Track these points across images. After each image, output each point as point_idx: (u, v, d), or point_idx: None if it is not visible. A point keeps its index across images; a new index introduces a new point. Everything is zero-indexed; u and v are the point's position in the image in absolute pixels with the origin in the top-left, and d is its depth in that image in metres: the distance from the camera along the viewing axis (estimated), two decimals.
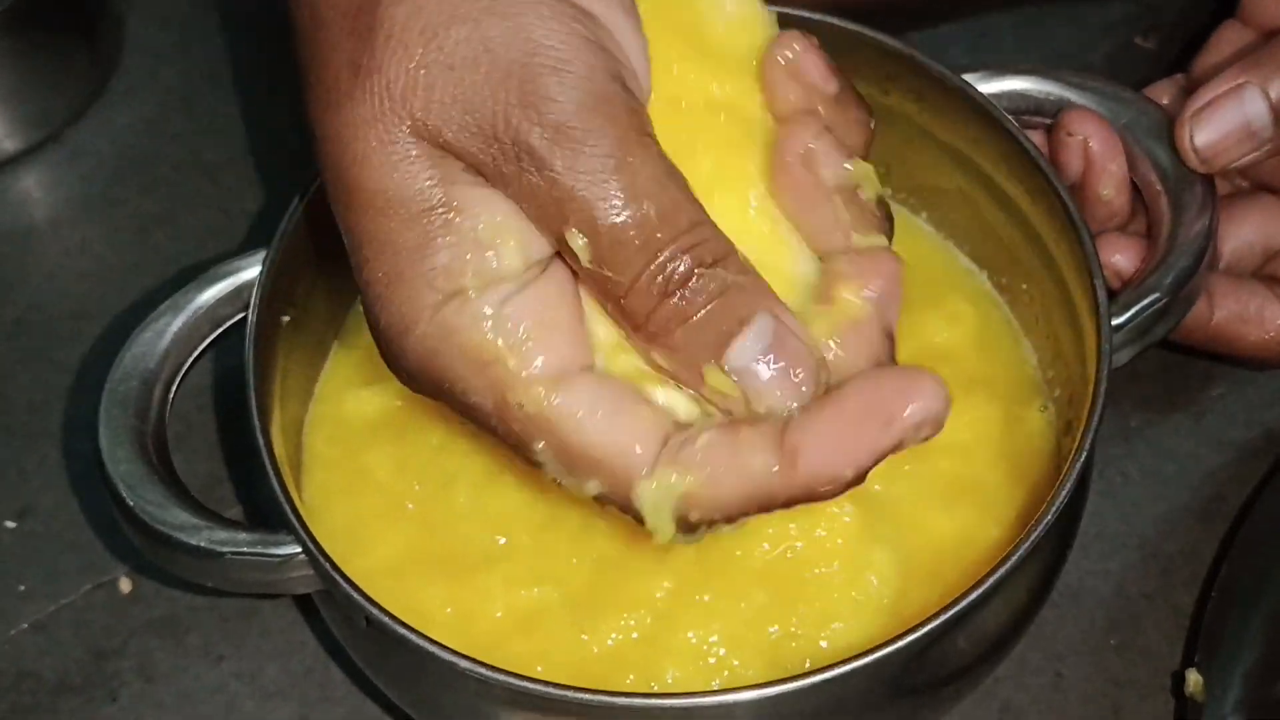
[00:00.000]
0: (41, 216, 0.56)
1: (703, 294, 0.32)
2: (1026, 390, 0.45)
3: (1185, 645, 0.45)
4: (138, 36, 0.60)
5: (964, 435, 0.44)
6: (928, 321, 0.45)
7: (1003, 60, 0.53)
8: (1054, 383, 0.45)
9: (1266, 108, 0.43)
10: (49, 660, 0.47)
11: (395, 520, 0.43)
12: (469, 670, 0.36)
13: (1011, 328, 0.46)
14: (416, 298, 0.33)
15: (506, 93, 0.32)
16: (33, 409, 0.52)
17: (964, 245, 0.48)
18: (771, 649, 0.40)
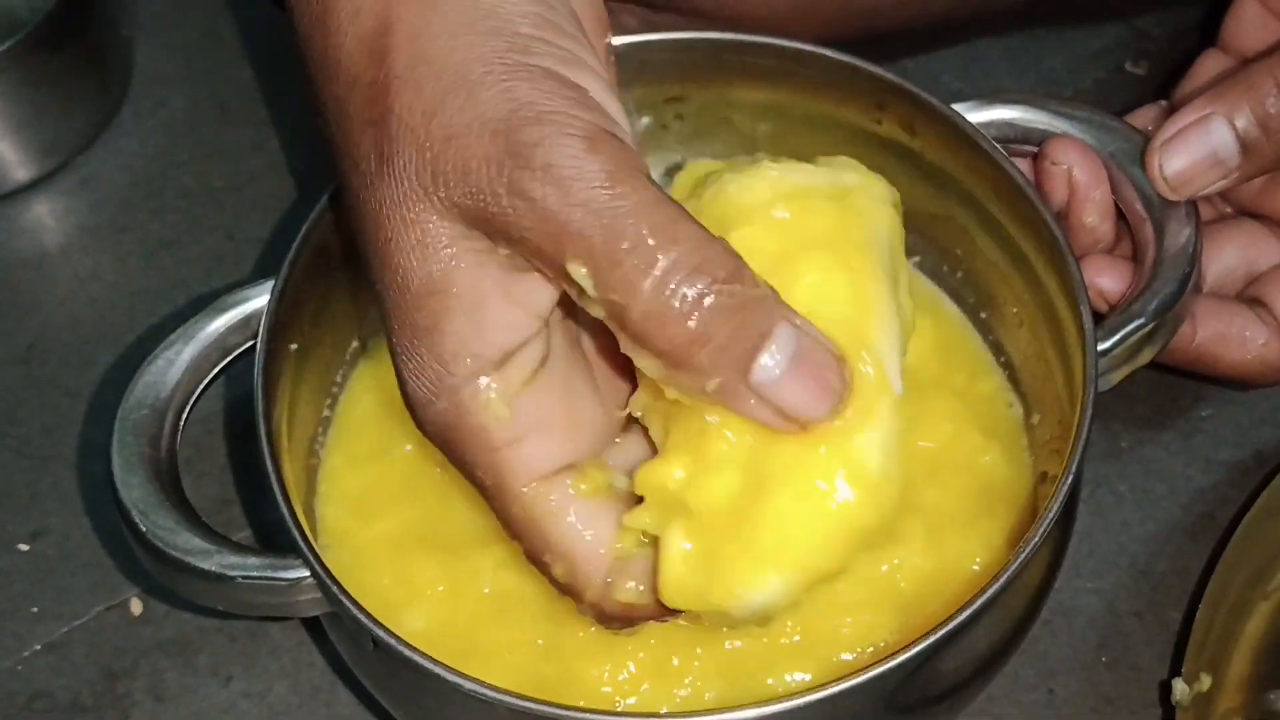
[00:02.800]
0: (53, 244, 0.57)
1: (720, 313, 0.32)
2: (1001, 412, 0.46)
3: (1172, 655, 0.46)
4: (146, 66, 0.60)
5: (946, 463, 0.44)
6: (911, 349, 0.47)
7: (994, 86, 0.54)
8: (1042, 404, 0.46)
9: (1232, 137, 0.44)
10: (61, 680, 0.47)
11: (407, 494, 0.44)
12: (473, 691, 0.37)
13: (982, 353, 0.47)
14: (436, 378, 0.35)
15: (496, 148, 0.33)
16: (46, 432, 0.52)
17: (954, 271, 0.49)
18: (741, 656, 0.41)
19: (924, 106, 0.45)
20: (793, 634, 0.41)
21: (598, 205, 0.32)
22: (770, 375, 0.33)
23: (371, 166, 0.35)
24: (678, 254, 0.32)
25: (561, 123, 0.33)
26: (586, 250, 0.32)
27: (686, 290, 0.32)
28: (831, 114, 0.47)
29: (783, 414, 0.33)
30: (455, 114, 0.34)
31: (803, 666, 0.41)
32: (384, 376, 0.48)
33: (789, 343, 0.33)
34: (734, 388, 0.33)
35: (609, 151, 0.33)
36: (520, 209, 0.33)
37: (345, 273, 0.46)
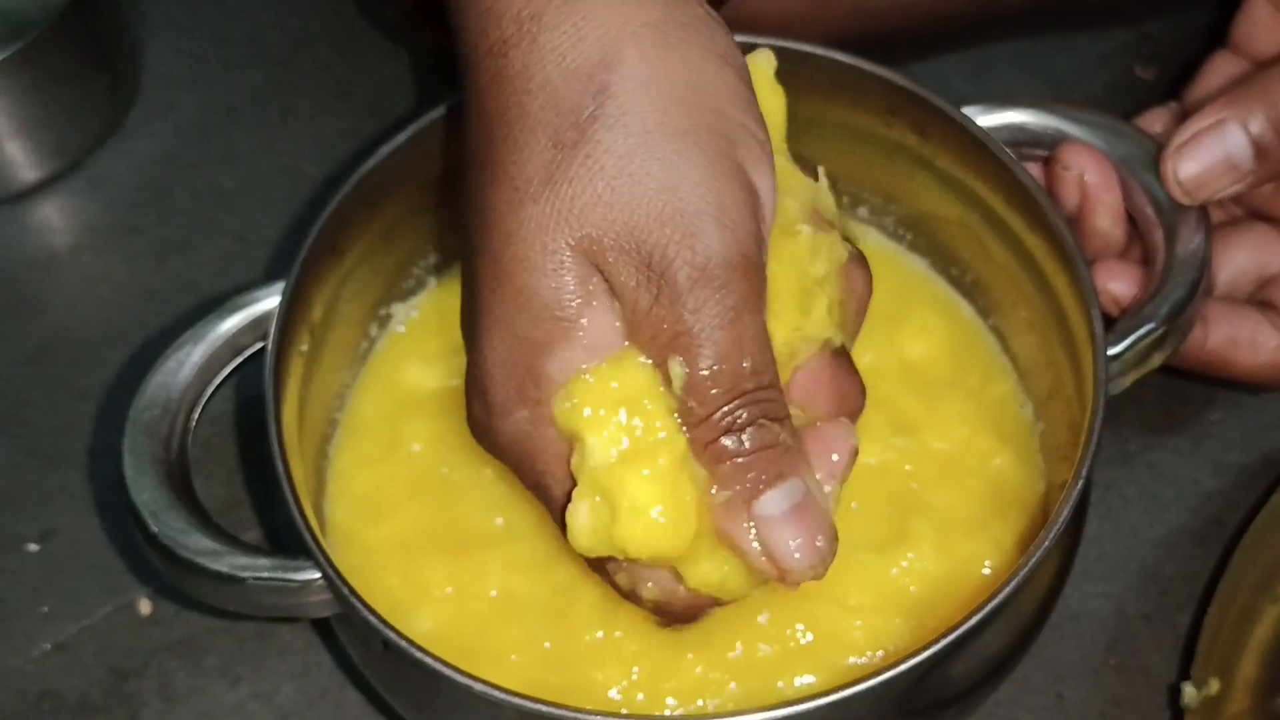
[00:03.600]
0: (62, 245, 0.57)
1: (756, 440, 0.35)
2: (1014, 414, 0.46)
3: (1181, 659, 0.46)
4: (155, 67, 0.60)
5: (958, 466, 0.45)
6: (907, 345, 0.47)
7: (1003, 90, 0.54)
8: (1053, 408, 0.46)
9: (1247, 141, 0.44)
10: (70, 680, 0.47)
11: (415, 494, 0.45)
12: (483, 693, 0.37)
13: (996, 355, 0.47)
14: (525, 390, 0.36)
15: (674, 229, 0.35)
16: (55, 433, 0.52)
17: (965, 274, 0.49)
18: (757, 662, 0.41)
19: (935, 110, 0.46)
20: (803, 637, 0.42)
21: (721, 324, 0.35)
22: (769, 511, 0.35)
23: (532, 185, 0.35)
24: (757, 387, 0.35)
25: (737, 236, 0.35)
26: (694, 358, 0.35)
27: (744, 414, 0.35)
28: (842, 117, 0.47)
29: (769, 553, 0.36)
30: (652, 175, 0.35)
31: (813, 670, 0.41)
32: (393, 377, 0.48)
33: (798, 493, 0.36)
34: (736, 508, 0.36)
35: (754, 280, 0.36)
36: (653, 288, 0.35)
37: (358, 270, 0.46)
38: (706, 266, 0.35)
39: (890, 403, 0.45)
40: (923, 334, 0.47)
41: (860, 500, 0.43)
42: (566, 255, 0.35)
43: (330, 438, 0.47)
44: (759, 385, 0.36)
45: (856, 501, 0.43)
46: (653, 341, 0.36)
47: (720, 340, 0.35)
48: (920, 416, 0.45)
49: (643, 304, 0.35)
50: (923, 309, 0.48)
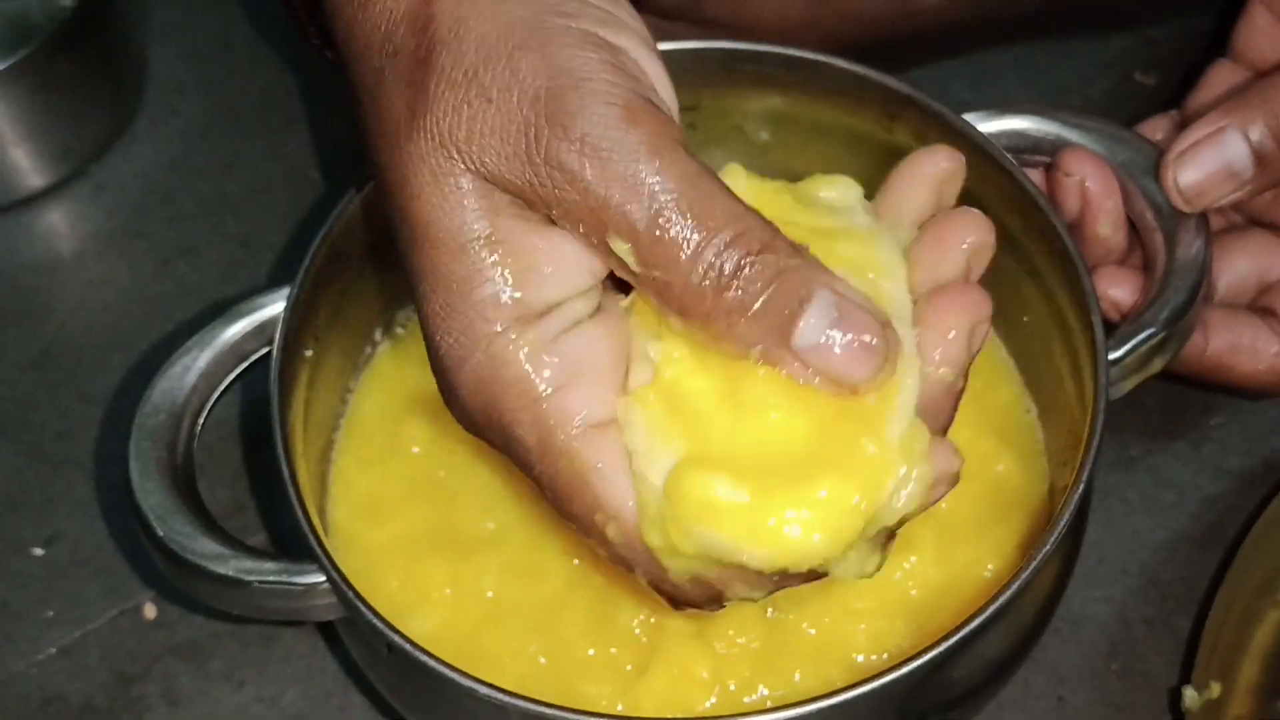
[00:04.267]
0: (67, 250, 0.57)
1: (757, 282, 0.32)
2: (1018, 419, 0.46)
3: (1182, 663, 0.46)
4: (160, 73, 0.61)
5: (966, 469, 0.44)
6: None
7: (1003, 96, 0.54)
8: (1054, 413, 0.46)
9: (1247, 149, 0.44)
10: (75, 684, 0.48)
11: (415, 496, 0.45)
12: (486, 696, 0.37)
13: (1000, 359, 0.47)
14: (470, 329, 0.34)
15: (535, 115, 0.33)
16: (60, 438, 0.53)
17: None
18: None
19: (935, 116, 0.46)
20: (804, 640, 0.42)
21: (636, 180, 0.32)
22: (811, 340, 0.33)
23: (400, 127, 0.35)
24: (715, 227, 0.32)
25: (600, 91, 0.33)
26: (628, 227, 0.32)
27: (725, 263, 0.32)
28: (843, 123, 0.47)
29: (829, 377, 0.33)
30: (496, 78, 0.34)
31: (813, 672, 0.41)
32: (395, 379, 0.48)
33: (829, 307, 0.33)
34: (777, 353, 0.33)
35: (648, 122, 0.33)
36: (559, 179, 0.33)
37: (362, 276, 0.46)
38: (585, 134, 0.33)
39: None
40: None
41: None
42: (456, 177, 0.34)
43: (333, 440, 0.47)
44: (716, 224, 0.32)
45: None
46: (585, 234, 0.33)
47: (642, 193, 0.32)
48: None
49: (550, 200, 0.33)
50: None
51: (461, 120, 0.34)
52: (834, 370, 0.33)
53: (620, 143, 0.33)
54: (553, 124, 0.33)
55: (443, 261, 0.34)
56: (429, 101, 0.34)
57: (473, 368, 0.34)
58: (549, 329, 0.34)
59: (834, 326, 0.33)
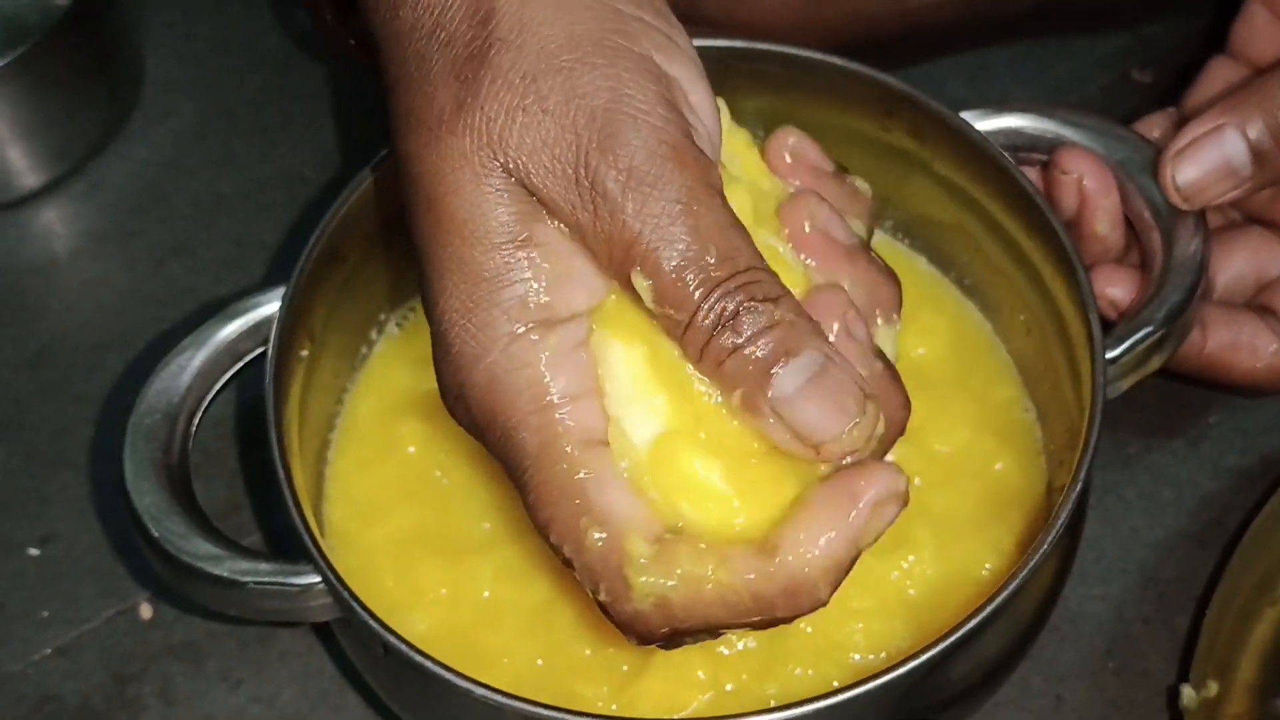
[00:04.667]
0: (62, 249, 0.57)
1: (753, 327, 0.33)
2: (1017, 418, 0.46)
3: (1180, 661, 0.46)
4: (155, 73, 0.61)
5: (958, 469, 0.45)
6: (910, 346, 0.47)
7: (1000, 94, 0.54)
8: (1051, 411, 0.46)
9: (1245, 147, 0.44)
10: (71, 685, 0.47)
11: (410, 496, 0.44)
12: (482, 696, 0.37)
13: (1000, 358, 0.47)
14: (492, 326, 0.34)
15: (589, 137, 0.34)
16: (55, 437, 0.52)
17: (963, 278, 0.49)
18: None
19: (932, 114, 0.46)
20: (802, 639, 0.42)
21: (670, 220, 0.33)
22: (785, 389, 0.33)
23: (445, 118, 0.34)
24: (731, 272, 0.33)
25: (655, 126, 0.34)
26: (653, 266, 0.33)
27: (729, 304, 0.33)
28: (839, 122, 0.47)
29: (797, 434, 0.33)
30: (555, 88, 0.34)
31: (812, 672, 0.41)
32: (391, 379, 0.48)
33: (812, 365, 0.33)
34: (754, 401, 0.33)
35: (693, 167, 0.34)
36: (598, 205, 0.33)
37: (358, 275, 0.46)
38: (632, 166, 0.33)
39: None
40: (926, 335, 0.47)
41: None
42: (498, 177, 0.34)
43: (329, 440, 0.47)
44: (734, 270, 0.33)
45: None
46: (610, 262, 0.34)
47: (673, 236, 0.33)
48: (922, 418, 0.45)
49: (585, 224, 0.34)
50: (926, 310, 0.48)
51: (515, 125, 0.34)
52: (799, 423, 0.33)
53: (663, 181, 0.33)
54: (603, 150, 0.33)
55: (474, 256, 0.34)
56: (480, 98, 0.34)
57: (487, 365, 0.34)
58: (570, 337, 0.34)
59: (812, 383, 0.33)
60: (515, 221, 0.34)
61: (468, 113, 0.34)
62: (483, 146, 0.34)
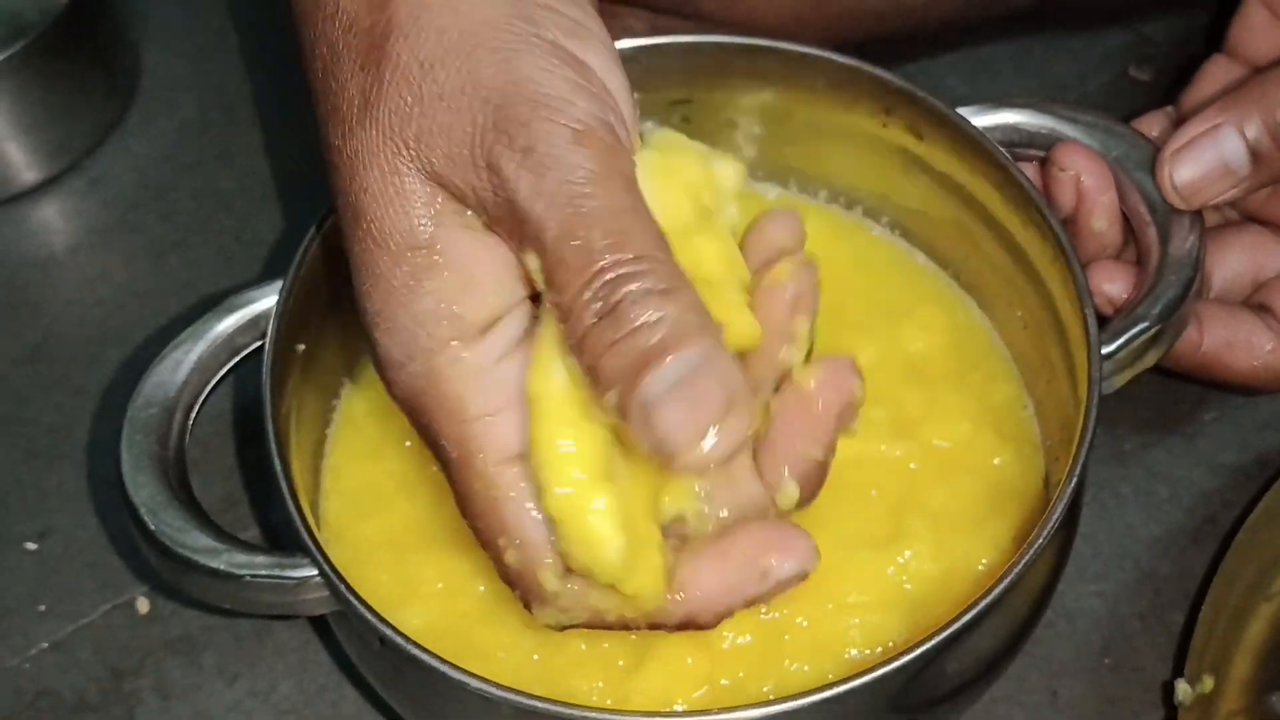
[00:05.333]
0: (61, 245, 0.57)
1: (636, 320, 0.31)
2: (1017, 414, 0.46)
3: (1175, 657, 0.46)
4: (154, 67, 0.60)
5: (957, 463, 0.45)
6: (908, 341, 0.47)
7: (999, 91, 0.54)
8: (1047, 407, 0.46)
9: (1243, 147, 0.44)
10: (68, 679, 0.47)
11: (406, 490, 0.44)
12: (478, 689, 0.37)
13: (1000, 354, 0.47)
14: (409, 338, 0.34)
15: (484, 117, 0.33)
16: (53, 432, 0.52)
17: (960, 274, 0.49)
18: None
19: (930, 110, 0.46)
20: (798, 634, 0.42)
21: (562, 200, 0.32)
22: (652, 393, 0.31)
23: (354, 112, 0.34)
24: (619, 259, 0.32)
25: (556, 108, 0.33)
26: (539, 242, 0.32)
27: (615, 293, 0.31)
28: (837, 118, 0.47)
29: (656, 441, 0.32)
30: (452, 74, 0.33)
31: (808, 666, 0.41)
32: None
33: (685, 366, 0.31)
34: (626, 403, 0.32)
35: (595, 148, 0.33)
36: (495, 185, 0.33)
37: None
38: (529, 146, 0.32)
39: (890, 399, 0.45)
40: (924, 331, 0.47)
41: (857, 497, 0.44)
42: (406, 176, 0.33)
43: (326, 435, 0.47)
44: (620, 257, 0.31)
45: (854, 499, 0.43)
46: (510, 241, 0.33)
47: (563, 219, 0.32)
48: (921, 413, 0.45)
49: (487, 206, 0.33)
50: (924, 306, 0.48)
51: (413, 116, 0.33)
52: (657, 429, 0.31)
53: (561, 162, 0.32)
54: (498, 130, 0.33)
55: (384, 264, 0.34)
56: (383, 90, 0.34)
57: (409, 374, 0.34)
58: (490, 352, 0.34)
59: (678, 386, 0.31)
60: (421, 225, 0.33)
61: (373, 107, 0.34)
62: (387, 142, 0.33)
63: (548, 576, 0.34)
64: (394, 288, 0.34)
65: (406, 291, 0.34)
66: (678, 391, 0.31)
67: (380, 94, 0.34)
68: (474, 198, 0.33)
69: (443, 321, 0.34)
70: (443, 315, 0.34)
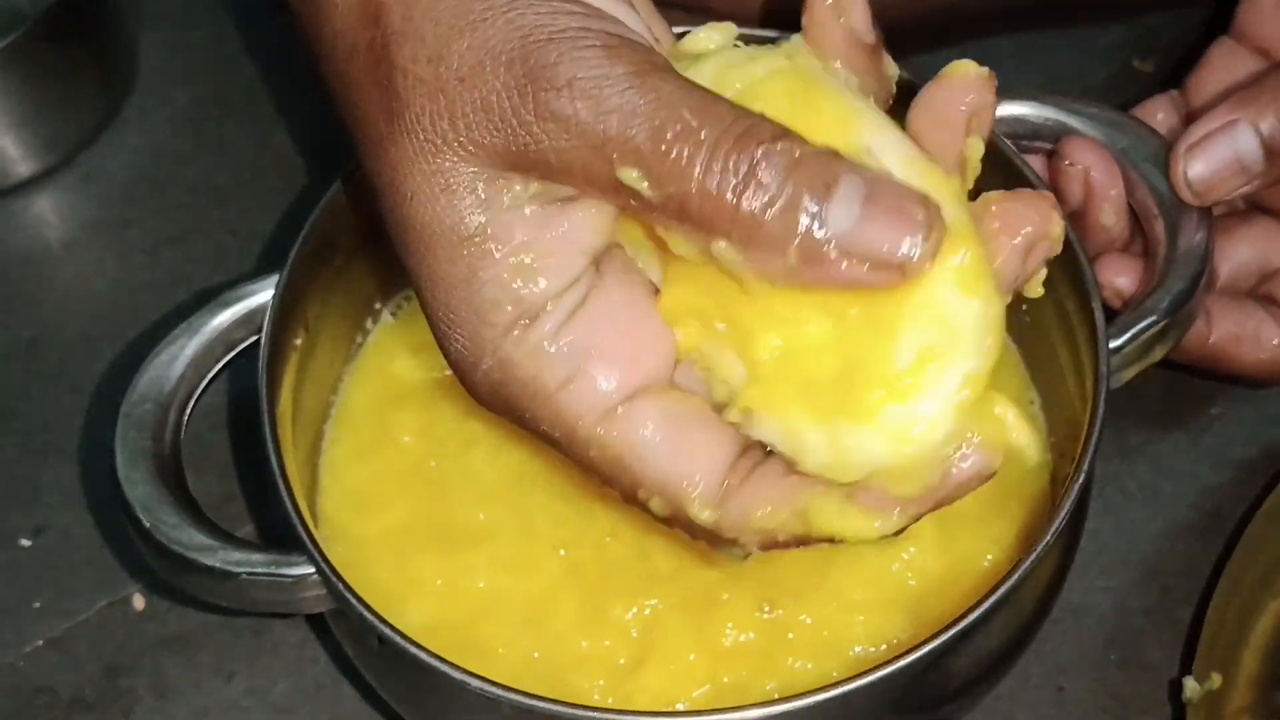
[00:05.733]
0: (55, 239, 0.57)
1: (776, 174, 0.30)
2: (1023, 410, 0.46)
3: (1183, 653, 0.46)
4: (149, 61, 0.60)
5: None
6: None
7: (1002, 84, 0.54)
8: (1052, 402, 0.45)
9: (1258, 143, 0.44)
10: (63, 676, 0.47)
11: (406, 487, 0.44)
12: (478, 689, 0.37)
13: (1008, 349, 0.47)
14: (477, 335, 0.34)
15: (512, 77, 0.33)
16: (48, 428, 0.52)
17: None
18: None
19: None
20: (802, 632, 0.41)
21: (632, 105, 0.31)
22: (845, 224, 0.30)
23: (381, 129, 0.34)
24: (722, 128, 0.31)
25: (575, 37, 0.32)
26: (634, 152, 0.31)
27: (740, 163, 0.30)
28: None
29: (875, 263, 0.30)
30: (464, 55, 0.33)
31: (812, 665, 0.41)
32: (385, 368, 0.47)
33: (858, 187, 0.30)
34: (813, 251, 0.30)
35: (629, 54, 0.32)
36: (554, 131, 0.32)
37: (353, 263, 0.46)
38: (571, 78, 0.32)
39: None
40: None
41: None
42: (449, 174, 0.33)
43: (323, 430, 0.46)
44: (722, 127, 0.31)
45: None
46: (592, 182, 0.32)
47: (641, 119, 0.31)
48: None
49: (552, 160, 0.32)
50: None
51: (441, 110, 0.33)
52: (877, 251, 0.30)
53: (608, 77, 0.32)
54: (535, 79, 0.32)
55: (440, 266, 0.34)
56: (403, 101, 0.34)
57: (485, 372, 0.34)
58: (550, 323, 0.34)
59: (868, 203, 0.30)
60: (470, 215, 0.33)
61: (397, 119, 0.34)
62: (423, 146, 0.33)
63: (697, 510, 0.33)
64: (455, 285, 0.34)
65: (465, 286, 0.34)
66: (869, 208, 0.30)
67: (400, 105, 0.34)
68: (531, 156, 0.33)
69: (506, 308, 0.33)
70: (505, 301, 0.33)
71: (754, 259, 0.31)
